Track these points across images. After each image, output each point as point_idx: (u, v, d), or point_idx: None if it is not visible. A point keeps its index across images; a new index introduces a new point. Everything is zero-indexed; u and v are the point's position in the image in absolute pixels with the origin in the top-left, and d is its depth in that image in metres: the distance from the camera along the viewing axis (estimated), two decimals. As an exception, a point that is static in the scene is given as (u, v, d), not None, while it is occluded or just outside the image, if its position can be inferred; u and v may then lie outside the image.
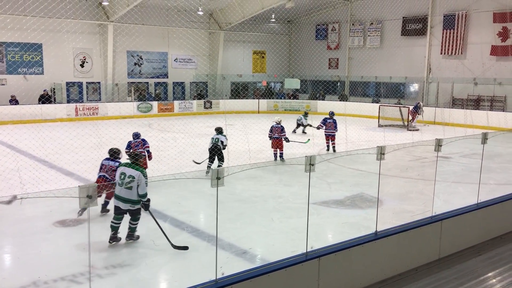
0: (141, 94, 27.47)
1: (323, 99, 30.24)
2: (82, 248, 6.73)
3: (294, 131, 19.88)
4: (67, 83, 25.36)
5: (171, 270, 6.54)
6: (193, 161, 12.49)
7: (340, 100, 29.49)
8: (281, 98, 31.06)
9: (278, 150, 13.61)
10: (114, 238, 7.13)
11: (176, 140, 16.81)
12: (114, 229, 7.11)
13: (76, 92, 25.62)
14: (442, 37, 25.51)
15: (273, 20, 30.83)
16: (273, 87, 33.77)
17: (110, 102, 25.34)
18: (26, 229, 7.81)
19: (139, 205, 6.94)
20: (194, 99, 28.74)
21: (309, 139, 14.88)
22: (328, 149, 15.45)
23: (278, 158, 13.64)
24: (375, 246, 5.89)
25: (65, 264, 6.43)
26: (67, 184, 10.39)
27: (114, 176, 7.86)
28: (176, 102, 27.40)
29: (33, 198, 8.77)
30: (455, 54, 25.10)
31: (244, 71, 32.38)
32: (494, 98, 23.72)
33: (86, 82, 26.02)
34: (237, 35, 31.28)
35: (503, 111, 22.63)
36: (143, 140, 10.93)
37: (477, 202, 7.39)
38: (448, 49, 25.31)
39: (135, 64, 27.72)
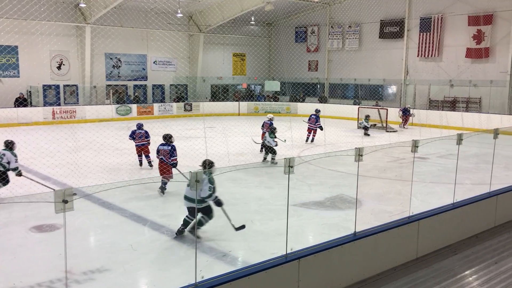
0: (120, 96, 27.19)
1: (303, 101, 30.40)
2: (59, 254, 6.61)
3: (367, 134, 20.27)
4: (44, 86, 24.92)
5: (150, 275, 6.48)
6: (252, 139, 14.41)
7: (319, 102, 29.68)
8: (261, 101, 31.10)
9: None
10: (181, 232, 7.44)
11: (156, 144, 16.65)
12: (186, 223, 7.44)
13: (53, 95, 25.19)
14: (419, 39, 25.94)
15: (253, 22, 30.89)
16: (253, 89, 33.82)
17: (88, 105, 25.03)
18: (1, 235, 7.65)
19: (204, 204, 7.19)
20: (174, 102, 28.57)
21: (285, 140, 15.23)
22: (307, 140, 17.38)
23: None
24: (354, 246, 5.94)
25: (42, 270, 6.32)
26: (43, 189, 10.20)
27: (169, 158, 9.91)
28: (155, 105, 27.19)
29: (8, 203, 8.60)
30: (431, 56, 25.54)
31: (224, 73, 32.35)
32: (469, 99, 24.21)
33: (63, 85, 25.63)
34: (217, 37, 31.25)
35: (478, 112, 23.10)
36: (146, 131, 12.84)
37: (453, 202, 7.52)
38: (425, 52, 25.75)
39: (114, 66, 27.43)
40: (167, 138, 10.25)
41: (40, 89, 24.71)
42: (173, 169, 9.78)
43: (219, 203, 7.21)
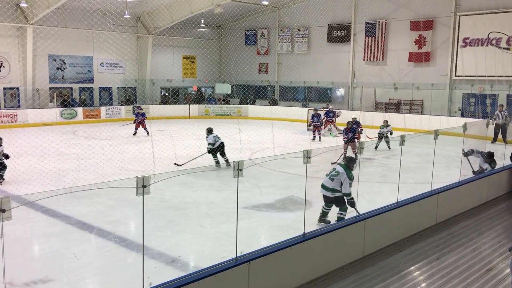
0: (65, 100, 26.23)
1: (254, 104, 30.57)
2: (-2, 265, 6.29)
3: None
4: (-18, 89, 23.68)
5: (96, 283, 6.29)
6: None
7: (270, 105, 29.97)
8: (212, 103, 30.99)
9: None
10: (322, 220, 8.08)
11: (104, 148, 16.23)
12: (324, 214, 8.11)
13: (-8, 98, 23.96)
14: (365, 44, 26.75)
15: (203, 25, 30.73)
16: (204, 92, 33.64)
17: (30, 109, 23.97)
18: None
19: (338, 194, 7.76)
20: (122, 105, 27.88)
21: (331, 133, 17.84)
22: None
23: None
24: (303, 247, 6.02)
25: (-21, 283, 5.98)
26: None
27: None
28: (103, 108, 26.42)
29: None
30: (376, 60, 26.40)
31: (174, 76, 31.96)
32: (412, 102, 25.22)
33: (4, 88, 24.41)
34: (166, 39, 30.83)
35: (420, 114, 24.10)
36: (143, 113, 20.33)
37: (397, 201, 7.79)
38: (370, 56, 26.58)
39: (58, 68, 26.42)
40: (352, 123, 14.44)
41: (-23, 92, 23.45)
42: None
43: (352, 204, 7.66)
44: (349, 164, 7.82)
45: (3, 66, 24.25)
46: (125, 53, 28.15)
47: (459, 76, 23.64)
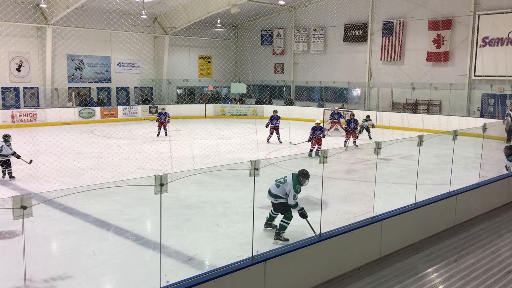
0: (83, 99, 26.58)
1: (271, 104, 30.53)
2: (18, 261, 6.39)
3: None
4: (3, 88, 24.09)
5: (114, 280, 6.36)
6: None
7: (286, 105, 29.91)
8: (227, 103, 31.06)
9: (316, 145, 15.12)
10: (268, 225, 7.93)
11: (121, 147, 16.39)
12: (271, 218, 7.92)
13: (12, 98, 24.36)
14: (382, 43, 26.53)
15: (219, 25, 30.82)
16: (219, 92, 33.74)
17: (49, 108, 24.33)
18: (-45, 243, 7.33)
19: (281, 200, 7.43)
20: (139, 104, 28.15)
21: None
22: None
23: (314, 153, 14.75)
24: (319, 248, 6.00)
25: (0, 278, 6.09)
26: (1, 194, 9.85)
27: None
28: (120, 108, 26.70)
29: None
30: (393, 60, 26.16)
31: (190, 76, 32.12)
32: (430, 102, 24.93)
33: (23, 87, 24.84)
34: (183, 39, 31.01)
35: (438, 114, 23.81)
36: (166, 113, 19.89)
37: (414, 202, 7.70)
38: (387, 55, 26.34)
39: (76, 68, 26.77)
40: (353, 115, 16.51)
41: (-2, 92, 23.90)
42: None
43: (303, 215, 7.23)
44: (299, 176, 7.35)
45: (23, 66, 24.66)
46: (142, 53, 28.41)
47: (478, 76, 23.29)
